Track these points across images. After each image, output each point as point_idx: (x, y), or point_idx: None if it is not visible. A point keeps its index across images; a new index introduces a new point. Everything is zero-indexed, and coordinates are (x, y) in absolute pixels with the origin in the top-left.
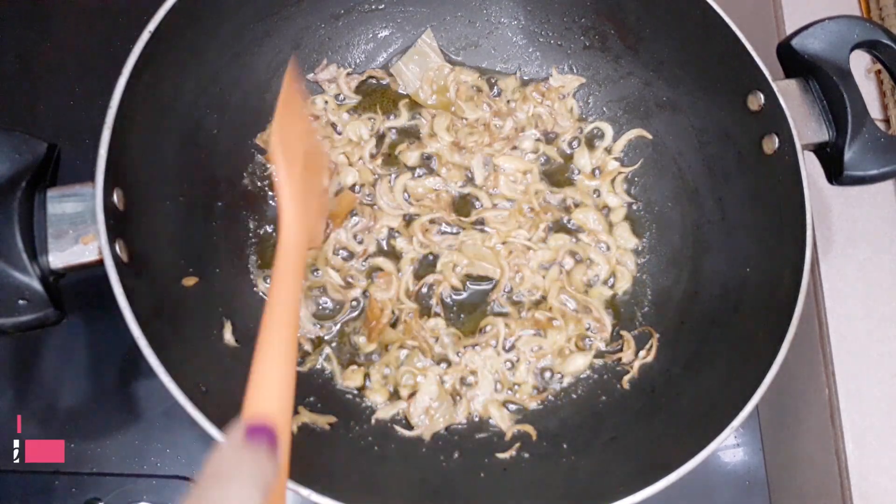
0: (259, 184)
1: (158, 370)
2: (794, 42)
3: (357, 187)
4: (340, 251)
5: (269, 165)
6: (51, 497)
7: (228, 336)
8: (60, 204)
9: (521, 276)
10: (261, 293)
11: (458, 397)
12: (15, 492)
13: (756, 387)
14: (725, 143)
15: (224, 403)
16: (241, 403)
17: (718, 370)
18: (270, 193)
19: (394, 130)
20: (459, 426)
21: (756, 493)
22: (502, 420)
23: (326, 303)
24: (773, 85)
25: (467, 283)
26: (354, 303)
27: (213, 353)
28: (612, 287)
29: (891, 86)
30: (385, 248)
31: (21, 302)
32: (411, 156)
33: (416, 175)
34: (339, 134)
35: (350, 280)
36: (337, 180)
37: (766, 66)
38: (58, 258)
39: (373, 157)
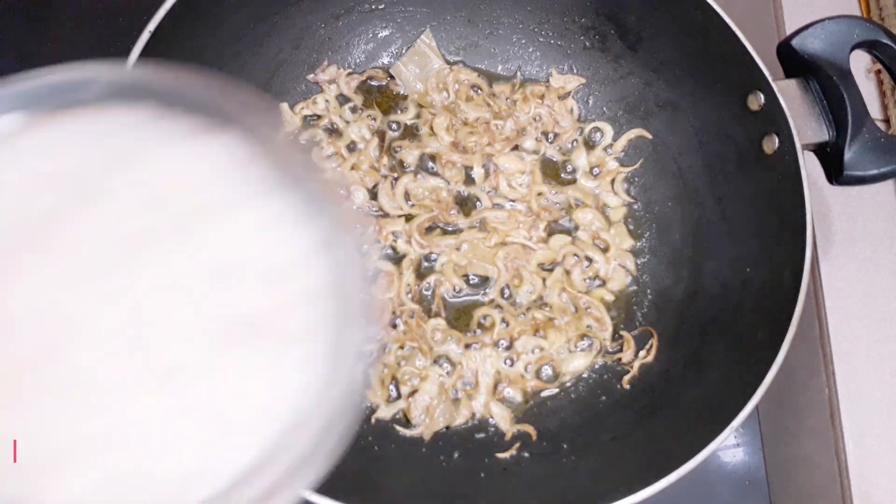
0: None
1: None
2: (794, 42)
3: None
4: None
5: None
6: None
7: None
8: None
9: (521, 276)
10: None
11: (458, 397)
12: None
13: (756, 387)
14: (725, 143)
15: None
16: None
17: (718, 370)
18: None
19: (394, 125)
20: (459, 426)
21: (756, 493)
22: (502, 420)
23: None
24: (773, 85)
25: (466, 284)
26: None
27: None
28: (611, 287)
29: (891, 86)
30: (386, 249)
31: None
32: (410, 154)
33: (416, 176)
34: (340, 135)
35: None
36: (348, 204)
37: (766, 66)
38: None
39: (377, 155)
